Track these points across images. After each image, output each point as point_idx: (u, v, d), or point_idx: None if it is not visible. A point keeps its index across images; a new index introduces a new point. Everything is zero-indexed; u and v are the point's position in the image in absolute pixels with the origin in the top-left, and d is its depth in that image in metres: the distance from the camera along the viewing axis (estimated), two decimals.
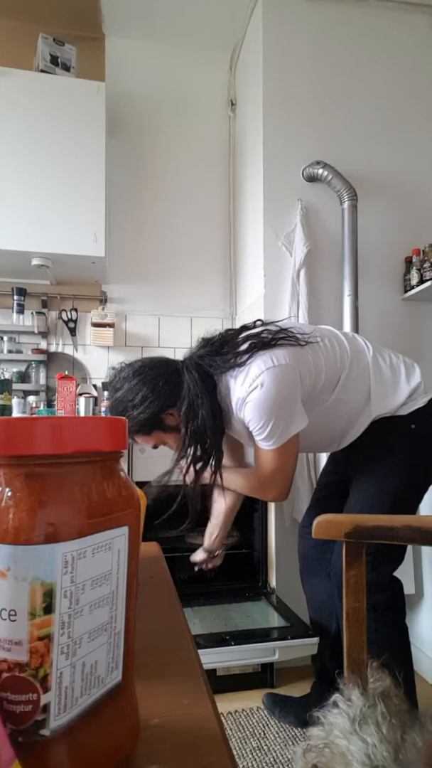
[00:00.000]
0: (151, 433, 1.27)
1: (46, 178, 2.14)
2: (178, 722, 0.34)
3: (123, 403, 1.22)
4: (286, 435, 1.19)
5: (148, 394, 1.19)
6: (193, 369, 1.22)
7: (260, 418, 1.17)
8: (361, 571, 0.78)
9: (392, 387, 1.29)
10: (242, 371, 1.19)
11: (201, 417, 1.20)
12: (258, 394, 1.16)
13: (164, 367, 1.25)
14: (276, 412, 1.16)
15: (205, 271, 2.63)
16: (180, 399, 1.21)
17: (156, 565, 0.70)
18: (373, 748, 0.56)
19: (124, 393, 1.22)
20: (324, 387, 1.25)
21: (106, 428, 0.29)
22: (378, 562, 1.23)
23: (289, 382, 1.17)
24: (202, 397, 1.20)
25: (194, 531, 2.22)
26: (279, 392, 1.16)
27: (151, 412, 1.20)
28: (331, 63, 2.26)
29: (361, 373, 1.29)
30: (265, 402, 1.16)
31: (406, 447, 1.27)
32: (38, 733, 0.25)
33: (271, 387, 1.15)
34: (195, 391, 1.20)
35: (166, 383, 1.21)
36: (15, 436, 0.26)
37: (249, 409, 1.18)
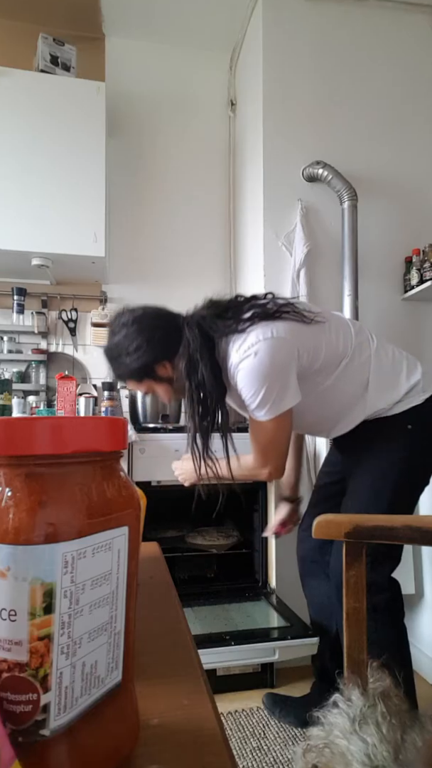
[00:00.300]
0: (141, 381, 1.27)
1: (46, 178, 2.14)
2: (178, 722, 0.34)
3: (117, 349, 1.23)
4: (278, 407, 1.18)
5: (143, 344, 1.20)
6: (194, 326, 1.22)
7: (251, 386, 1.17)
8: (361, 571, 0.78)
9: (391, 382, 1.28)
10: (240, 338, 1.19)
11: (201, 372, 1.20)
12: (250, 362, 1.16)
13: (164, 319, 1.26)
14: (267, 383, 1.16)
15: (205, 271, 2.63)
16: (177, 353, 1.22)
17: (156, 565, 0.70)
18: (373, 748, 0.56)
19: (120, 339, 1.22)
20: (321, 369, 1.25)
21: (106, 428, 0.29)
22: (377, 562, 1.23)
23: (284, 355, 1.17)
24: (202, 353, 1.20)
25: (194, 531, 2.22)
26: (272, 364, 1.16)
27: (143, 362, 1.21)
28: (331, 63, 2.26)
29: (362, 364, 1.29)
30: (257, 371, 1.16)
31: (402, 447, 1.26)
32: (38, 733, 0.25)
33: (264, 358, 1.15)
34: (194, 347, 1.20)
35: (162, 336, 1.22)
36: (15, 436, 0.26)
37: (241, 376, 1.18)
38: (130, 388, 1.34)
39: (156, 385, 1.28)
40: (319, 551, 1.45)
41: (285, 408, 1.19)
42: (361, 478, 1.30)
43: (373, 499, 1.25)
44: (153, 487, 1.87)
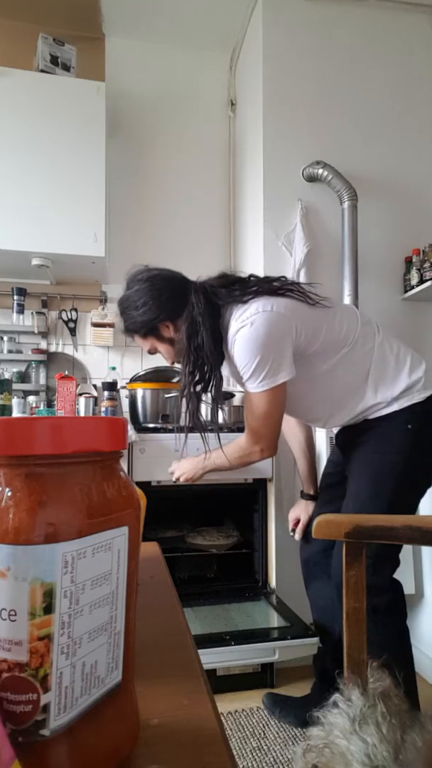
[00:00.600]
0: (146, 337, 1.33)
1: (46, 178, 2.14)
2: (178, 722, 0.34)
3: (128, 302, 1.31)
4: (272, 380, 1.20)
5: (149, 301, 1.27)
6: (200, 291, 1.28)
7: (246, 355, 1.19)
8: (361, 571, 0.78)
9: (392, 376, 1.28)
10: (241, 308, 1.22)
11: (201, 336, 1.24)
12: (246, 331, 1.18)
13: (174, 282, 1.32)
14: (261, 353, 1.18)
15: (205, 270, 2.61)
16: (181, 316, 1.27)
17: (156, 565, 0.70)
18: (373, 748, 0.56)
19: (131, 292, 1.31)
20: (319, 352, 1.26)
21: (106, 428, 0.29)
22: (379, 564, 1.23)
23: (280, 329, 1.19)
24: (204, 318, 1.24)
25: (194, 531, 2.22)
26: (267, 334, 1.17)
27: (148, 318, 1.28)
28: (331, 63, 2.26)
29: (364, 354, 1.29)
30: (252, 341, 1.18)
31: (403, 447, 1.26)
32: (38, 733, 0.25)
33: (260, 328, 1.17)
34: (198, 311, 1.25)
35: (169, 297, 1.28)
36: (15, 436, 0.26)
37: (237, 346, 1.21)
38: (135, 342, 1.39)
39: (159, 344, 1.33)
40: (323, 553, 1.45)
41: (279, 381, 1.20)
42: (361, 478, 1.30)
43: (374, 499, 1.25)
44: (153, 487, 1.87)
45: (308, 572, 1.53)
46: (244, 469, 1.90)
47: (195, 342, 1.25)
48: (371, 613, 1.20)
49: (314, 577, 1.50)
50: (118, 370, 2.43)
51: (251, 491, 2.03)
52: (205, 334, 1.24)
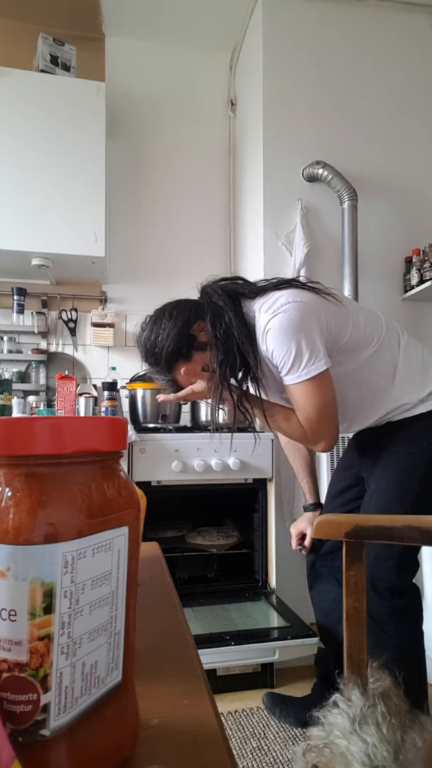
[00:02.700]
0: (190, 357, 1.22)
1: (46, 178, 2.14)
2: (178, 722, 0.34)
3: (150, 340, 1.22)
4: (315, 366, 1.13)
5: (173, 312, 1.22)
6: (215, 287, 1.25)
7: (283, 343, 1.13)
8: (361, 571, 0.78)
9: (419, 377, 1.26)
10: (268, 298, 1.17)
11: (228, 317, 1.18)
12: (280, 318, 1.13)
13: (180, 299, 1.29)
14: (298, 338, 1.12)
15: (206, 271, 2.61)
16: (204, 310, 1.21)
17: (156, 565, 0.70)
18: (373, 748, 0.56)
19: (149, 330, 1.23)
20: (346, 349, 1.22)
21: (106, 428, 0.29)
22: (401, 566, 1.21)
23: (312, 315, 1.14)
24: (225, 301, 1.19)
25: (194, 531, 2.22)
26: (301, 319, 1.12)
27: (179, 327, 1.20)
28: (331, 63, 2.26)
29: (390, 355, 1.27)
30: (288, 327, 1.12)
31: (428, 450, 1.23)
32: (38, 733, 0.25)
33: (294, 314, 1.12)
34: (217, 296, 1.21)
35: (187, 301, 1.26)
36: (15, 436, 0.26)
37: (270, 337, 1.14)
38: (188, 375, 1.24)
39: (204, 355, 1.23)
40: (330, 555, 1.44)
41: (323, 367, 1.13)
42: (384, 478, 1.27)
43: (398, 500, 1.22)
44: (153, 487, 1.87)
45: (314, 573, 1.52)
46: (243, 468, 1.91)
47: (222, 326, 1.17)
48: (394, 615, 1.20)
49: (320, 579, 1.49)
50: (118, 370, 2.43)
51: (251, 491, 2.03)
52: (231, 315, 1.17)
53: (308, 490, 1.59)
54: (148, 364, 1.27)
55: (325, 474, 1.91)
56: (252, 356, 1.19)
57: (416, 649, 1.26)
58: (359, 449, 1.41)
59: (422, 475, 1.23)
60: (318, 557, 1.50)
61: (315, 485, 1.60)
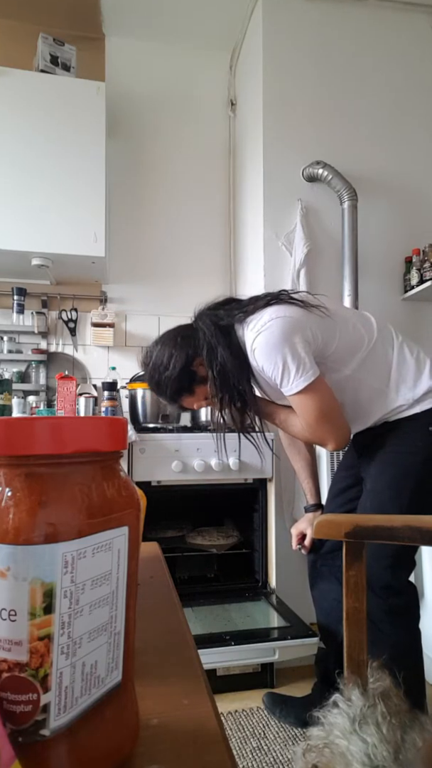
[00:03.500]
0: (193, 391, 1.30)
1: (46, 178, 2.14)
2: (178, 722, 0.34)
3: (156, 370, 1.29)
4: (306, 376, 1.17)
5: (172, 351, 1.28)
6: (204, 317, 1.30)
7: (270, 359, 1.18)
8: (361, 571, 0.78)
9: (413, 378, 1.27)
10: (254, 319, 1.23)
11: (221, 355, 1.24)
12: (263, 337, 1.18)
13: (180, 327, 1.35)
14: (283, 352, 1.17)
15: (206, 271, 2.63)
16: (200, 346, 1.27)
17: (156, 565, 0.70)
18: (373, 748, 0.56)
19: (153, 361, 1.30)
20: (337, 355, 1.25)
21: (106, 428, 0.29)
22: (397, 566, 1.22)
23: (295, 331, 1.18)
24: (218, 338, 1.25)
25: (194, 531, 2.22)
26: (284, 333, 1.17)
27: (181, 366, 1.26)
28: (331, 63, 2.27)
29: (384, 357, 1.28)
30: (271, 343, 1.17)
31: (423, 449, 1.24)
32: (38, 733, 0.25)
33: (276, 330, 1.17)
34: (209, 333, 1.26)
35: (183, 337, 1.30)
36: (15, 436, 0.26)
37: (258, 355, 1.20)
38: (193, 406, 1.36)
39: (206, 387, 1.30)
40: (331, 555, 1.44)
41: (310, 379, 1.18)
42: (380, 478, 1.28)
43: (393, 499, 1.23)
44: (153, 487, 1.87)
45: (315, 573, 1.52)
46: (244, 468, 1.91)
47: (217, 364, 1.24)
48: (389, 615, 1.20)
49: (321, 579, 1.49)
50: (118, 370, 2.43)
51: (251, 491, 2.03)
52: (223, 351, 1.24)
53: (309, 490, 1.60)
54: (153, 389, 1.35)
55: (325, 474, 1.91)
56: (248, 388, 1.27)
57: (413, 648, 1.26)
58: (357, 449, 1.43)
59: (418, 474, 1.24)
60: (318, 557, 1.50)
61: (316, 486, 1.60)
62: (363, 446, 1.38)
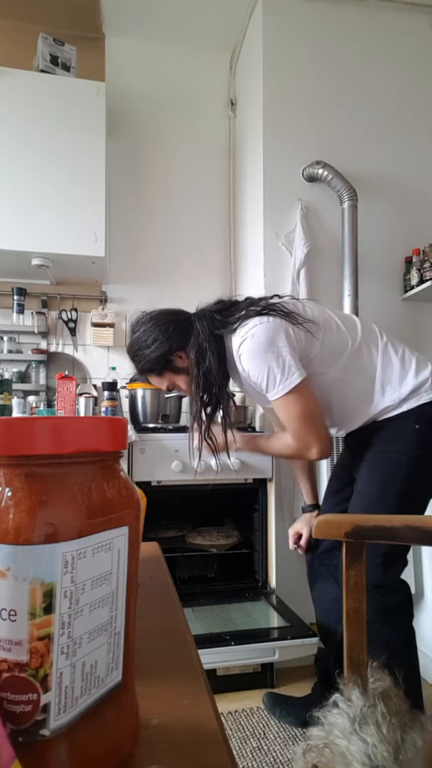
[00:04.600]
0: (162, 374, 1.36)
1: (46, 178, 2.14)
2: (178, 722, 0.34)
3: (138, 343, 1.34)
4: (290, 380, 1.20)
5: (159, 336, 1.31)
6: (204, 319, 1.32)
7: (255, 365, 1.22)
8: (361, 571, 0.78)
9: (398, 378, 1.29)
10: (241, 326, 1.27)
11: (209, 360, 1.28)
12: (248, 343, 1.23)
13: (177, 315, 1.37)
14: (268, 357, 1.20)
15: (205, 271, 2.63)
16: (189, 344, 1.31)
17: (156, 565, 0.70)
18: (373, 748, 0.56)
19: (138, 335, 1.35)
20: (320, 357, 1.28)
21: (106, 428, 0.29)
22: (388, 563, 1.23)
23: (279, 334, 1.22)
24: (210, 343, 1.29)
25: (194, 531, 2.22)
26: (268, 339, 1.21)
27: (161, 352, 1.31)
28: (331, 63, 2.26)
29: (369, 359, 1.31)
30: (256, 349, 1.22)
31: (411, 447, 1.25)
32: (38, 733, 0.25)
33: (260, 336, 1.21)
34: (203, 337, 1.29)
35: (176, 328, 1.32)
36: (15, 436, 0.26)
37: (244, 360, 1.25)
38: (154, 384, 1.43)
39: (175, 377, 1.36)
40: (329, 554, 1.45)
41: (297, 381, 1.20)
42: (369, 477, 1.30)
43: (381, 498, 1.25)
44: (153, 487, 1.87)
45: (313, 573, 1.53)
46: (243, 468, 1.91)
47: (203, 367, 1.29)
48: (380, 613, 1.20)
49: (319, 578, 1.49)
50: (118, 370, 2.43)
51: (251, 491, 2.03)
52: (212, 357, 1.28)
53: (306, 491, 1.61)
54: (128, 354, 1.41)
55: (325, 474, 1.91)
56: (224, 397, 1.32)
57: (406, 646, 1.26)
58: (349, 449, 1.45)
59: (406, 473, 1.25)
60: (315, 557, 1.51)
61: (313, 487, 1.61)
62: (355, 446, 1.40)
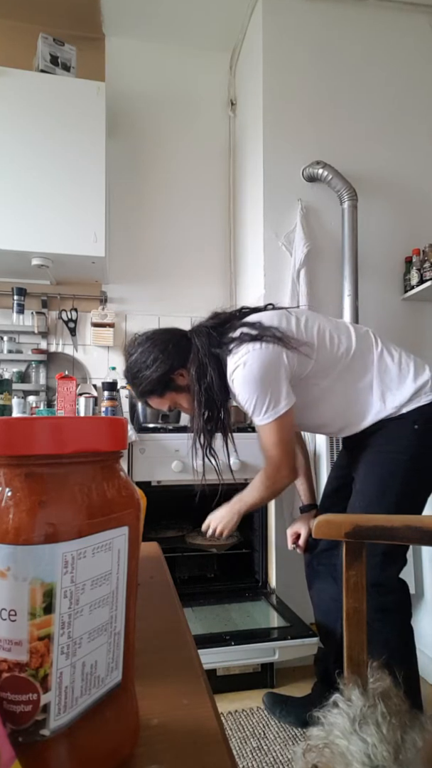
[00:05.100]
0: (164, 395, 1.34)
1: (46, 178, 2.14)
2: (178, 722, 0.34)
3: (137, 365, 1.32)
4: (275, 411, 1.23)
5: (159, 355, 1.29)
6: (201, 335, 1.32)
7: (245, 394, 1.24)
8: (361, 571, 0.78)
9: (397, 384, 1.29)
10: (235, 351, 1.26)
11: (210, 376, 1.28)
12: (241, 372, 1.23)
13: (174, 333, 1.37)
14: (258, 389, 1.22)
15: (205, 271, 2.63)
16: (189, 360, 1.30)
17: (156, 565, 0.70)
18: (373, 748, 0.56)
19: (137, 356, 1.32)
20: (315, 371, 1.29)
21: (106, 428, 0.29)
22: (386, 562, 1.23)
23: (271, 362, 1.22)
24: (210, 359, 1.28)
25: (194, 531, 2.22)
26: (260, 369, 1.21)
27: (163, 371, 1.29)
28: (331, 63, 2.26)
29: (365, 367, 1.30)
30: (248, 380, 1.22)
31: (409, 447, 1.26)
32: (38, 733, 0.25)
33: (253, 366, 1.21)
34: (203, 353, 1.29)
35: (174, 346, 1.31)
36: (15, 436, 0.26)
37: (236, 385, 1.26)
38: (154, 407, 1.41)
39: (177, 396, 1.34)
40: (327, 553, 1.45)
41: (282, 411, 1.23)
42: (367, 477, 1.30)
43: (380, 498, 1.25)
44: (153, 487, 1.87)
45: (312, 573, 1.53)
46: (244, 469, 1.91)
47: (204, 383, 1.28)
48: (379, 612, 1.20)
49: (318, 578, 1.50)
50: (118, 370, 2.43)
51: None
52: (213, 373, 1.28)
53: (303, 491, 1.61)
54: (126, 378, 1.39)
55: (325, 474, 1.91)
56: (225, 413, 1.34)
57: (404, 645, 1.26)
58: (348, 449, 1.45)
59: (404, 473, 1.25)
60: (314, 556, 1.51)
61: (311, 487, 1.61)
62: (353, 446, 1.40)
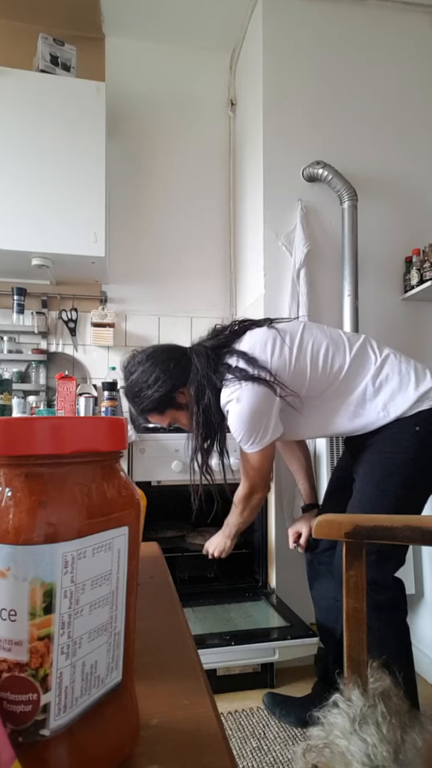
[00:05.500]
0: (164, 412, 1.36)
1: (46, 178, 2.14)
2: (178, 722, 0.34)
3: (138, 384, 1.33)
4: (261, 443, 1.30)
5: (161, 375, 1.31)
6: (201, 355, 1.33)
7: (236, 426, 1.29)
8: (361, 571, 0.78)
9: (400, 393, 1.29)
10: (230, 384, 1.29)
11: (207, 397, 1.30)
12: (234, 407, 1.27)
13: (174, 351, 1.37)
14: (249, 425, 1.27)
15: (205, 271, 2.63)
16: (189, 379, 1.32)
17: (156, 565, 0.70)
18: (373, 748, 0.56)
19: (138, 375, 1.33)
20: (310, 393, 1.32)
21: (106, 428, 0.29)
22: (381, 561, 1.23)
23: (263, 401, 1.26)
24: (209, 379, 1.30)
25: (194, 531, 2.22)
26: (252, 407, 1.26)
27: (165, 391, 1.31)
28: (331, 63, 2.26)
29: (362, 380, 1.31)
30: (240, 417, 1.27)
31: (410, 448, 1.26)
32: (38, 733, 0.25)
33: (245, 402, 1.25)
34: (202, 373, 1.30)
35: (176, 364, 1.33)
36: (15, 436, 0.26)
37: (229, 416, 1.30)
38: (153, 422, 1.43)
39: (177, 413, 1.37)
40: (328, 553, 1.45)
41: (267, 443, 1.30)
42: (367, 478, 1.30)
43: (380, 498, 1.25)
44: (153, 487, 1.87)
45: (313, 572, 1.53)
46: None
47: (203, 404, 1.31)
48: (374, 610, 1.20)
49: (318, 577, 1.50)
50: (118, 370, 2.42)
51: None
52: (211, 394, 1.30)
53: (304, 491, 1.62)
54: (127, 397, 1.40)
55: (325, 474, 1.91)
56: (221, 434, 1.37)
57: (400, 644, 1.27)
58: (349, 450, 1.46)
59: (404, 473, 1.26)
60: (315, 556, 1.51)
61: (311, 487, 1.62)
62: (354, 447, 1.40)
